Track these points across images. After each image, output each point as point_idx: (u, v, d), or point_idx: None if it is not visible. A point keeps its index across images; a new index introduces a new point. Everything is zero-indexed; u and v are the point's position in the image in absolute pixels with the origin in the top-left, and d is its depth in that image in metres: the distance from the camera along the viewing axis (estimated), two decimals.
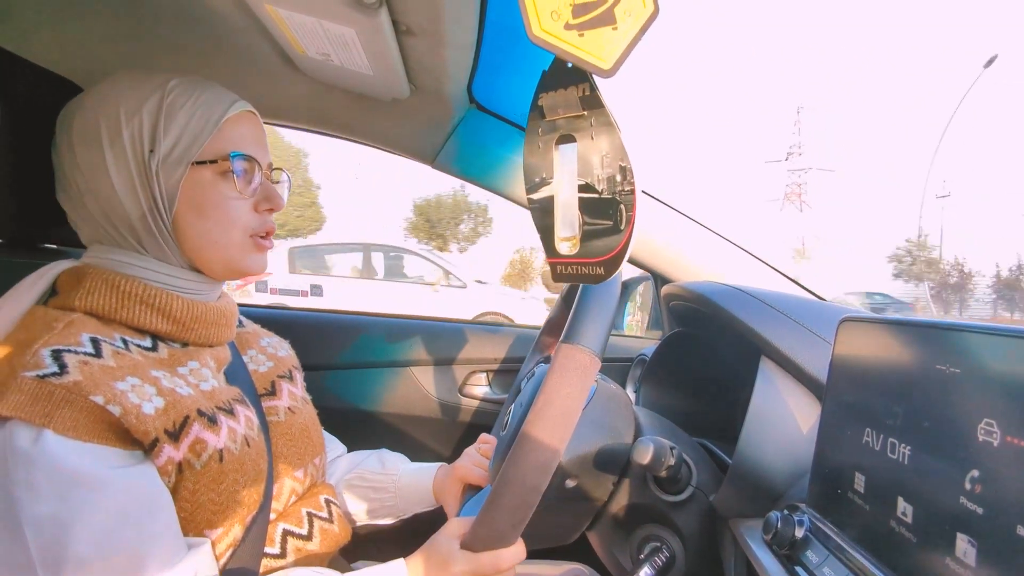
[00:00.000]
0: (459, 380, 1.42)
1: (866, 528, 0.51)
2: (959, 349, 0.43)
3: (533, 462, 0.57)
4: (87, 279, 0.62)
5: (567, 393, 0.57)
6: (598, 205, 0.50)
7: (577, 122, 0.50)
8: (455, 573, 0.61)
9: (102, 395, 0.53)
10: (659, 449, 0.71)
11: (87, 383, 0.53)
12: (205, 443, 0.60)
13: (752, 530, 0.67)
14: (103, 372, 0.55)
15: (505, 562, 0.63)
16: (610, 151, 0.48)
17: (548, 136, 0.52)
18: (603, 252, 0.50)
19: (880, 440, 0.50)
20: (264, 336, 0.88)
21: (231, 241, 0.68)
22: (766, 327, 0.74)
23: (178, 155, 0.64)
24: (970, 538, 0.39)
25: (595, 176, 0.49)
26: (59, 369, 0.53)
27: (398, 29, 0.80)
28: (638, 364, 1.28)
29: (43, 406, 0.51)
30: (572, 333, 0.60)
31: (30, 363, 0.53)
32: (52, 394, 0.51)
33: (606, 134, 0.48)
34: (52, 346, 0.55)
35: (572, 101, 0.49)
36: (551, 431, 0.57)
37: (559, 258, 0.53)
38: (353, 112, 1.13)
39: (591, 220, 0.50)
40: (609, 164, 0.48)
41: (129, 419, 0.54)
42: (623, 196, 0.48)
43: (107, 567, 0.51)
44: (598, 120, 0.48)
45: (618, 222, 0.49)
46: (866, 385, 0.54)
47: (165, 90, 0.64)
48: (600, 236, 0.50)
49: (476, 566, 0.62)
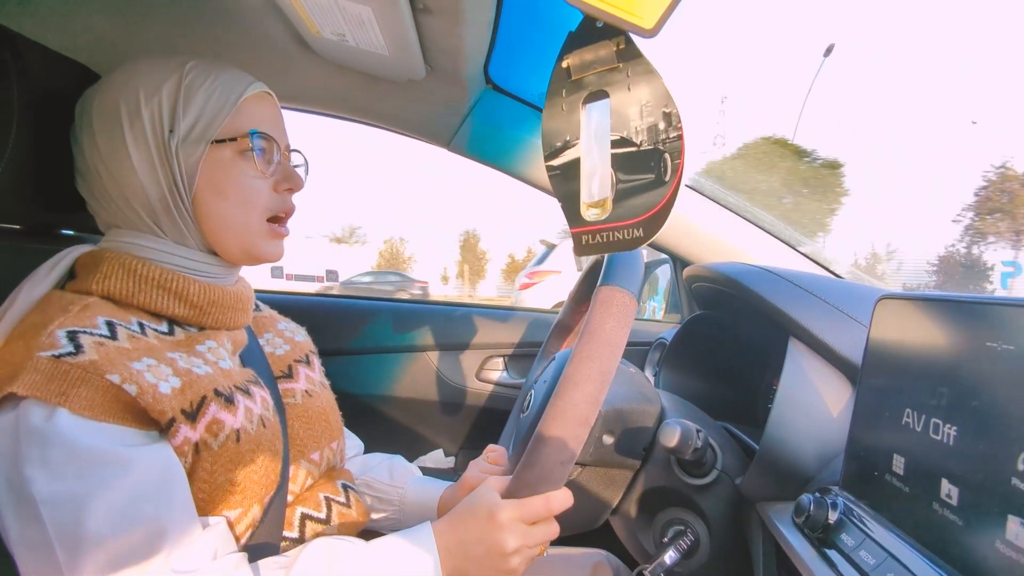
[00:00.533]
0: (476, 365, 1.41)
1: (905, 511, 0.49)
2: (1013, 325, 0.41)
3: (583, 393, 0.56)
4: (104, 263, 0.62)
5: (611, 327, 0.57)
6: (637, 159, 0.46)
7: (611, 76, 0.47)
8: (502, 521, 0.59)
9: (118, 374, 0.52)
10: (686, 432, 0.70)
11: (103, 362, 0.53)
12: (222, 423, 0.60)
13: (781, 513, 0.66)
14: (119, 353, 0.55)
15: (556, 503, 0.60)
16: (652, 99, 0.46)
17: (573, 97, 0.49)
18: (641, 211, 0.47)
19: (922, 421, 0.49)
20: (281, 320, 0.87)
21: (249, 224, 0.67)
22: (796, 308, 0.73)
23: (197, 134, 0.64)
24: (1023, 520, 0.38)
25: (633, 128, 0.46)
26: (74, 349, 0.52)
27: (415, 7, 0.79)
28: (657, 347, 1.27)
29: (58, 385, 0.50)
30: (609, 275, 0.59)
31: (45, 343, 0.52)
32: (67, 373, 0.51)
33: (646, 82, 0.45)
34: (67, 327, 0.54)
35: (606, 56, 0.46)
36: (599, 362, 0.56)
37: (585, 226, 0.51)
38: (368, 94, 1.12)
39: (628, 177, 0.48)
40: (651, 112, 0.46)
41: (145, 398, 0.53)
42: (668, 144, 0.45)
43: (124, 545, 0.51)
44: (637, 70, 0.46)
45: (662, 173, 0.46)
46: (906, 365, 0.52)
47: (183, 71, 0.64)
48: (638, 193, 0.47)
49: (525, 510, 0.60)
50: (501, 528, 0.59)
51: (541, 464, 0.58)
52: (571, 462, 0.58)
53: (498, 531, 0.59)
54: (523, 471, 0.60)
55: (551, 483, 0.60)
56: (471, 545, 0.60)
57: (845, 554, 0.53)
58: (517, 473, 0.60)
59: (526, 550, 0.61)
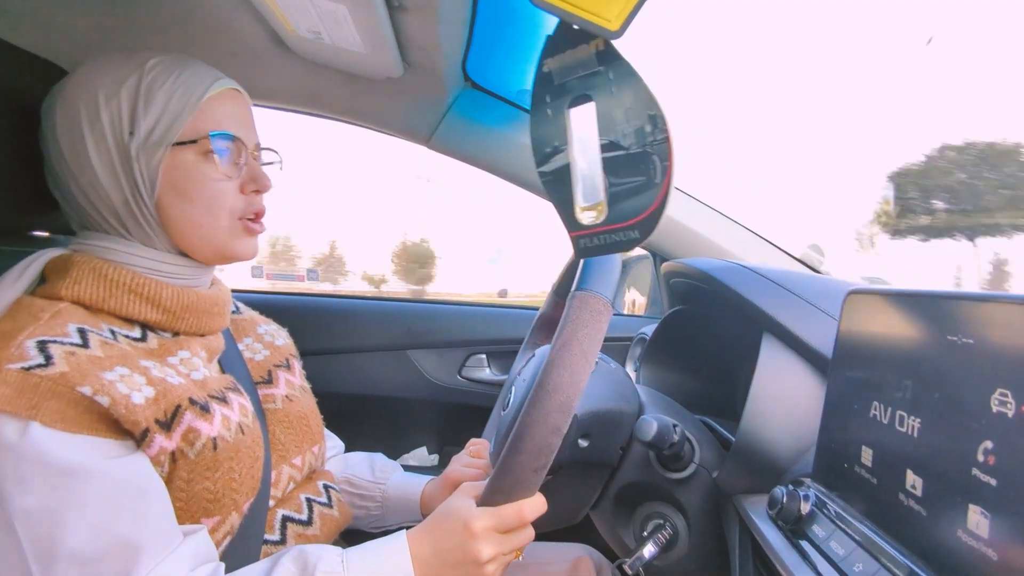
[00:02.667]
0: (458, 362, 1.41)
1: (874, 501, 0.50)
2: (972, 319, 0.42)
3: (555, 402, 0.56)
4: (74, 267, 0.61)
5: (584, 335, 0.57)
6: (626, 162, 0.47)
7: (593, 79, 0.47)
8: (477, 531, 0.59)
9: (90, 386, 0.52)
10: (662, 427, 0.71)
11: (74, 374, 0.52)
12: (198, 432, 0.59)
13: (756, 506, 0.67)
14: (90, 362, 0.54)
15: (529, 511, 0.60)
16: (635, 102, 0.46)
17: (558, 102, 0.49)
18: (636, 212, 0.48)
19: (888, 413, 0.50)
20: (261, 324, 0.86)
21: (218, 224, 0.66)
22: (768, 302, 0.74)
23: (157, 137, 0.62)
24: (983, 509, 0.39)
25: (620, 131, 0.47)
26: (45, 360, 0.51)
27: (390, 4, 0.79)
28: (638, 343, 1.28)
29: (28, 398, 0.49)
30: (584, 280, 0.59)
31: (15, 355, 0.51)
32: (38, 386, 0.50)
33: (629, 85, 0.46)
34: (37, 337, 0.53)
35: (587, 58, 0.46)
36: (571, 371, 0.56)
37: (582, 231, 0.51)
38: (346, 92, 1.11)
39: (619, 179, 0.48)
40: (636, 115, 0.46)
41: (118, 409, 0.52)
42: (656, 146, 0.46)
43: (102, 558, 0.50)
44: (618, 72, 0.46)
45: (652, 175, 0.46)
46: (874, 358, 0.53)
47: (144, 70, 0.62)
48: (631, 195, 0.47)
49: (499, 519, 0.60)
50: (475, 538, 0.59)
51: (515, 472, 0.59)
52: (544, 469, 0.59)
53: (473, 540, 0.59)
54: (497, 479, 0.60)
55: (525, 490, 0.60)
56: (446, 554, 0.60)
57: (816, 545, 0.54)
58: (491, 481, 0.61)
59: (501, 557, 0.61)
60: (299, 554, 0.59)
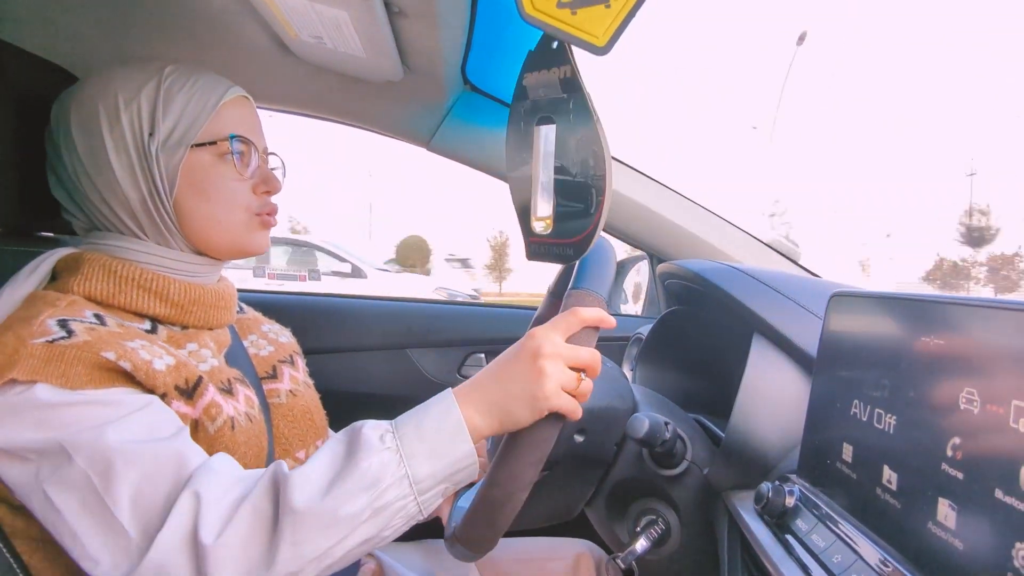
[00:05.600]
0: (458, 361, 1.43)
1: (853, 496, 0.52)
2: (942, 321, 0.44)
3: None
4: (85, 265, 0.63)
5: (580, 331, 0.59)
6: (571, 188, 0.50)
7: (558, 104, 0.50)
8: (531, 349, 0.56)
9: (113, 351, 0.55)
10: (654, 424, 0.73)
11: (96, 342, 0.55)
12: (220, 408, 0.62)
13: (745, 501, 0.69)
14: (110, 335, 0.57)
15: (586, 312, 0.58)
16: (584, 136, 0.49)
17: (531, 116, 0.52)
18: (573, 234, 0.51)
19: (867, 411, 0.51)
20: (265, 323, 0.88)
21: (236, 219, 0.69)
22: (758, 304, 0.75)
23: (177, 138, 0.65)
24: (951, 502, 0.40)
25: (570, 159, 0.50)
26: (67, 333, 0.55)
27: (390, 10, 0.80)
28: (634, 343, 1.30)
29: (56, 366, 0.52)
30: (580, 279, 0.61)
31: (37, 332, 0.54)
32: (63, 354, 0.53)
33: (582, 119, 0.49)
34: (57, 317, 0.56)
35: (553, 82, 0.49)
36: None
37: (534, 237, 0.54)
38: (347, 95, 1.13)
39: (564, 202, 0.51)
40: (583, 148, 0.49)
41: (139, 374, 0.55)
42: (595, 180, 0.49)
43: (151, 460, 0.52)
44: (576, 103, 0.49)
45: (589, 205, 0.49)
46: (855, 358, 0.55)
47: (162, 75, 0.65)
48: (571, 218, 0.51)
49: (558, 326, 0.57)
50: (526, 357, 0.57)
51: (511, 464, 0.61)
52: (541, 463, 0.61)
53: (522, 362, 0.57)
54: (493, 471, 0.62)
55: (521, 483, 0.62)
56: (496, 379, 0.58)
57: (800, 538, 0.56)
58: (488, 472, 0.63)
59: (560, 373, 0.56)
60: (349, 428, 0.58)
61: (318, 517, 0.50)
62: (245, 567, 0.49)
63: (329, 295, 1.53)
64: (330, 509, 0.50)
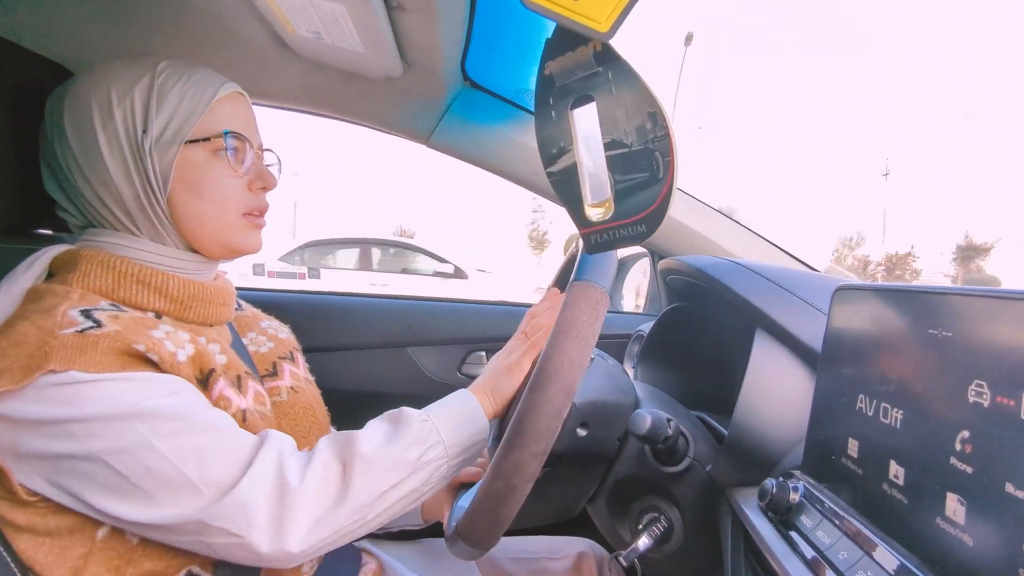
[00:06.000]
0: (458, 359, 1.43)
1: (859, 492, 0.52)
2: (951, 313, 0.43)
3: (556, 386, 0.57)
4: (82, 261, 0.62)
5: (583, 322, 0.58)
6: (630, 159, 0.48)
7: (593, 80, 0.48)
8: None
9: (143, 343, 0.56)
10: (657, 420, 0.72)
11: (126, 332, 0.56)
12: (229, 401, 0.63)
13: (748, 498, 0.69)
14: (134, 322, 0.58)
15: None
16: (635, 100, 0.47)
17: (562, 103, 0.50)
18: (643, 207, 0.49)
19: (873, 406, 0.51)
20: (264, 319, 0.88)
21: (226, 219, 0.68)
22: (761, 299, 0.75)
23: (171, 134, 0.64)
24: (960, 497, 0.40)
25: (622, 130, 0.48)
26: (95, 323, 0.55)
27: (389, 5, 0.80)
28: (636, 340, 1.29)
29: (91, 355, 0.53)
30: (582, 271, 0.61)
31: (63, 323, 0.55)
32: (97, 343, 0.54)
33: (628, 84, 0.47)
34: (77, 307, 0.57)
35: (585, 60, 0.48)
36: (570, 356, 0.58)
37: (592, 227, 0.53)
38: (346, 91, 1.12)
39: (624, 177, 0.49)
40: (636, 114, 0.47)
41: (165, 367, 0.57)
42: (657, 142, 0.47)
43: (193, 429, 0.56)
44: (617, 72, 0.47)
45: (656, 171, 0.47)
46: (860, 352, 0.54)
47: (155, 71, 0.65)
48: (636, 191, 0.49)
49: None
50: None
51: (515, 456, 0.60)
52: (544, 455, 0.60)
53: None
54: (497, 462, 0.61)
55: (524, 475, 0.61)
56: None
57: (804, 535, 0.55)
58: (492, 465, 0.62)
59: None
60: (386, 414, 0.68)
61: (384, 459, 0.61)
62: (325, 504, 0.58)
63: (328, 293, 1.52)
64: (394, 454, 0.61)
